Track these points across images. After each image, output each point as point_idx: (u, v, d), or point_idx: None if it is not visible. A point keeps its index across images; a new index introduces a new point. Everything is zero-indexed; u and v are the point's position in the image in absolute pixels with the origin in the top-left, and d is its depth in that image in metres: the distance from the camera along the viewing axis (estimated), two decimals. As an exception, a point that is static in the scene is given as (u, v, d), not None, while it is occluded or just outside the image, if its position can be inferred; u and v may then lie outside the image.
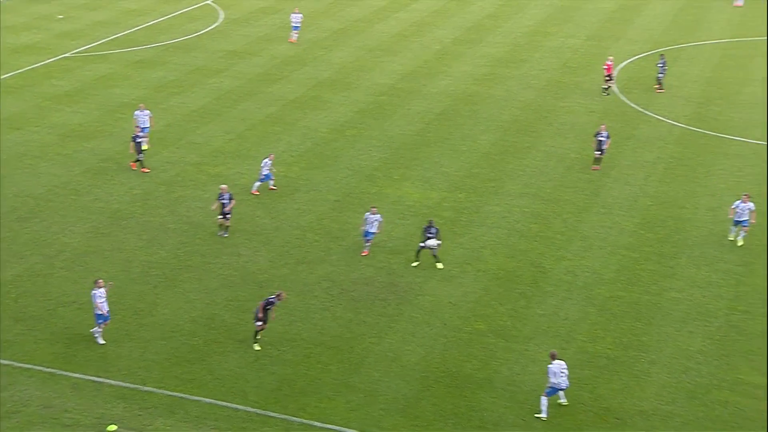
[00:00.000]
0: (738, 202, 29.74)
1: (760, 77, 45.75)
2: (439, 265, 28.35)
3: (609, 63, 43.62)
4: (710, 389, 22.96)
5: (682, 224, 31.36)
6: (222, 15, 57.41)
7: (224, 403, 22.23)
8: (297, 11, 52.94)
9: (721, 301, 26.82)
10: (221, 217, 29.92)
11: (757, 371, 23.61)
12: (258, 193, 33.14)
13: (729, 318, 25.99)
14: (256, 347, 24.20)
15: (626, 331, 25.42)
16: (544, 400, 21.87)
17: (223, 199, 29.88)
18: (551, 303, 26.75)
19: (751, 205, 29.48)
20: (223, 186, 30.47)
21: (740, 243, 29.52)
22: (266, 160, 33.41)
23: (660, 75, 44.04)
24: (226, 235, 29.98)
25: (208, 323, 25.47)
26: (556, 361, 21.83)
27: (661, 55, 45.33)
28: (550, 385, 21.86)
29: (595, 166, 35.33)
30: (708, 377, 23.42)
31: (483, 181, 34.83)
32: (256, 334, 24.27)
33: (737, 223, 29.69)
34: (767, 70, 45.92)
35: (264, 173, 33.26)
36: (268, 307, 24.03)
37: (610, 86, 43.36)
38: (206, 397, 22.41)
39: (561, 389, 21.95)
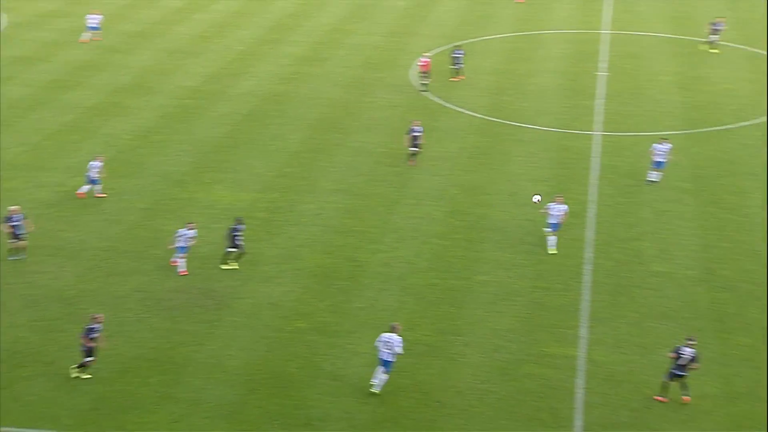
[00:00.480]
0: (551, 203, 29.87)
1: (545, 68, 48.67)
2: (231, 266, 27.97)
3: (425, 60, 44.85)
4: (520, 364, 24.24)
5: (486, 210, 32.84)
6: (3, 19, 53.76)
7: (33, 431, 20.89)
8: (96, 12, 50.64)
9: (524, 280, 28.33)
10: (14, 240, 27.91)
11: (558, 343, 25.15)
12: (97, 196, 31.71)
13: (532, 295, 27.52)
14: (75, 373, 22.86)
15: (441, 316, 26.31)
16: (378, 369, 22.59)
17: (13, 221, 27.84)
18: (369, 295, 27.22)
19: (564, 207, 29.72)
20: (14, 207, 28.45)
21: (552, 251, 29.51)
22: (94, 162, 31.89)
23: (457, 66, 45.93)
24: (23, 257, 28.11)
25: (11, 348, 23.85)
26: (388, 334, 22.53)
27: (458, 46, 47.31)
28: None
29: (411, 161, 36.18)
30: (517, 353, 24.71)
31: (295, 179, 34.85)
32: (81, 365, 22.83)
33: (551, 225, 29.64)
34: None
35: (92, 176, 31.74)
36: (92, 336, 22.63)
37: (426, 83, 44.50)
38: (12, 426, 20.97)
39: (383, 360, 22.47)
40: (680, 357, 22.30)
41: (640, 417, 22.21)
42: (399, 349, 22.53)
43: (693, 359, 22.28)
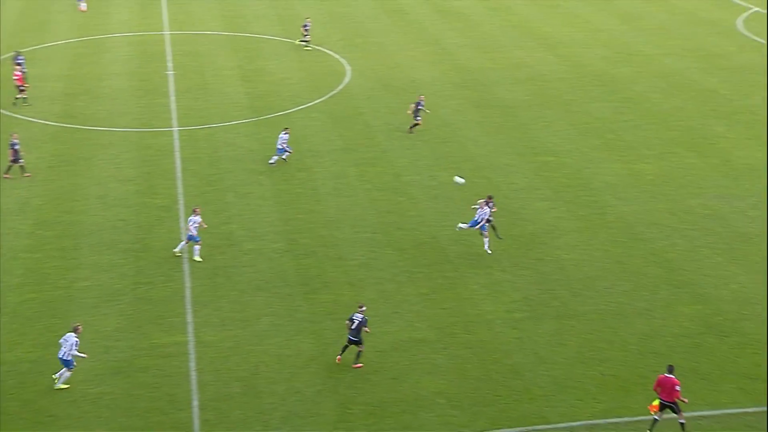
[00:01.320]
0: (190, 216, 28.24)
1: (115, 71, 47.15)
2: None
3: (18, 74, 41.06)
4: (131, 360, 23.58)
5: (76, 216, 31.08)
6: None
7: None
8: None
9: (126, 278, 27.48)
10: None
11: (167, 332, 24.90)
12: None
13: (136, 292, 26.82)
14: None
15: (43, 330, 24.47)
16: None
17: None
18: (-41, 324, 24.26)
19: (198, 218, 28.30)
20: None
21: (197, 258, 28.20)
22: None
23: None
24: None
25: None
26: (69, 334, 22.15)
27: (18, 53, 43.73)
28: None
29: (25, 174, 33.56)
30: (128, 350, 23.97)
31: None
32: None
33: (190, 238, 28.24)
34: None
35: None
36: None
37: (24, 97, 40.83)
38: None
39: (60, 359, 21.90)
40: (353, 322, 23.21)
41: (249, 384, 22.99)
42: (74, 350, 21.93)
43: (362, 323, 23.21)
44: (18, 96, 41.10)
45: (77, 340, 22.12)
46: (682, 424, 20.75)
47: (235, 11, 59.33)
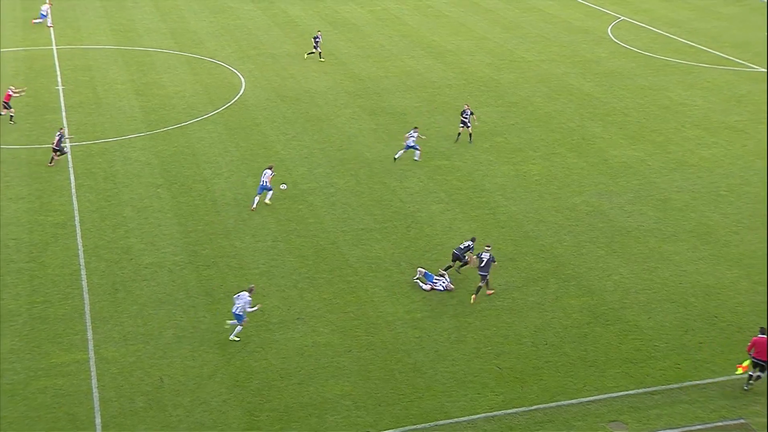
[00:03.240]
0: (266, 170, 28.93)
1: (2, 87, 44.95)
2: None
3: (12, 92, 40.20)
4: (29, 382, 22.53)
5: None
6: None
7: None
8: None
9: (20, 298, 26.25)
10: None
11: (67, 351, 23.93)
12: None
13: (32, 311, 25.65)
14: None
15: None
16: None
17: None
18: None
19: (271, 172, 29.33)
20: None
21: (268, 202, 29.73)
22: None
23: None
24: None
25: None
26: (243, 293, 24.27)
27: None
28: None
29: None
30: (24, 372, 22.89)
31: None
32: None
33: (263, 189, 29.39)
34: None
35: None
36: None
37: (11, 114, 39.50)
38: None
39: (234, 313, 24.12)
40: (481, 260, 26.20)
41: (153, 398, 22.34)
42: (248, 307, 23.98)
43: (490, 260, 26.21)
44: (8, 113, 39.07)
45: (250, 298, 24.13)
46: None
47: (126, 25, 57.61)
